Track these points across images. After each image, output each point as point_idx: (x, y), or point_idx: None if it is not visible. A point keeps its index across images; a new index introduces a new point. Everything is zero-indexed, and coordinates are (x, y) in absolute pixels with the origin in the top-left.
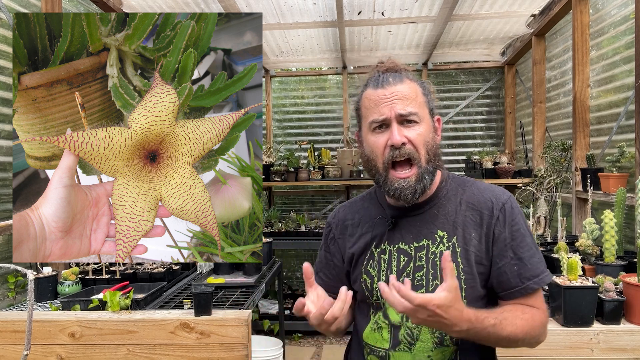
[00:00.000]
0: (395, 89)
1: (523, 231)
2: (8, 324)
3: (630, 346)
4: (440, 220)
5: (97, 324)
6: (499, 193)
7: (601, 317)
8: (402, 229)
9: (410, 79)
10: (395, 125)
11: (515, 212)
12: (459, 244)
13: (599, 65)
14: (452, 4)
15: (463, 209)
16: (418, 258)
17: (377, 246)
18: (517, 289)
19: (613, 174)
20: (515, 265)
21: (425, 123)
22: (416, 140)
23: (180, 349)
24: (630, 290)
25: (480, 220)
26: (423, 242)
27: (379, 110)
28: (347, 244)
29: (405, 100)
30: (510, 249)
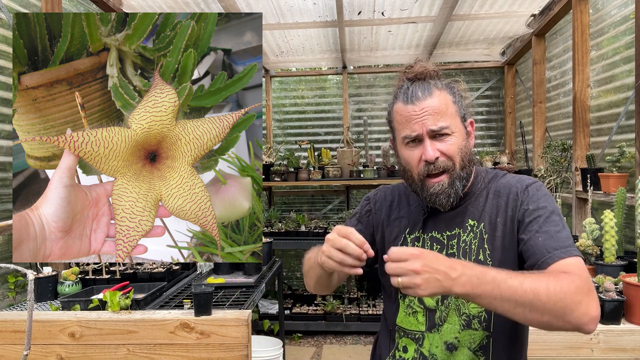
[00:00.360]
0: (425, 105)
1: (551, 208)
2: (8, 324)
3: (630, 346)
4: (470, 209)
5: (97, 324)
6: (525, 179)
7: (601, 317)
8: (436, 219)
9: (440, 88)
10: (427, 141)
11: (541, 192)
12: (486, 231)
13: (599, 65)
14: (452, 4)
15: (491, 197)
16: (450, 246)
17: (410, 233)
18: (544, 259)
19: (613, 174)
20: (540, 237)
21: (458, 132)
22: (449, 151)
23: (180, 349)
24: (630, 290)
25: (506, 205)
26: (455, 230)
27: (410, 126)
28: (382, 222)
29: (436, 115)
30: (535, 224)
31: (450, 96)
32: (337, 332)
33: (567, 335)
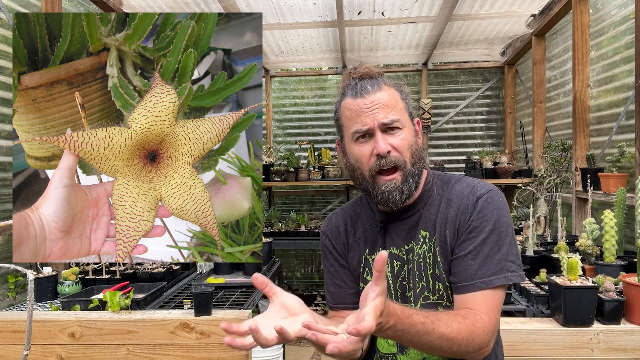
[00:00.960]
0: (375, 98)
1: (492, 226)
2: (8, 324)
3: (630, 346)
4: (424, 219)
5: (97, 324)
6: (479, 187)
7: (601, 317)
8: (392, 234)
9: (388, 84)
10: (379, 134)
11: (491, 206)
12: (437, 243)
13: (599, 65)
14: (452, 4)
15: (443, 206)
16: (408, 261)
17: (371, 253)
18: (465, 284)
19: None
20: (471, 259)
21: (408, 128)
22: (400, 146)
23: (180, 349)
24: (630, 290)
25: (455, 215)
26: (411, 244)
27: (361, 120)
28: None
29: (386, 109)
30: (471, 242)
31: (398, 93)
32: None
33: (567, 335)
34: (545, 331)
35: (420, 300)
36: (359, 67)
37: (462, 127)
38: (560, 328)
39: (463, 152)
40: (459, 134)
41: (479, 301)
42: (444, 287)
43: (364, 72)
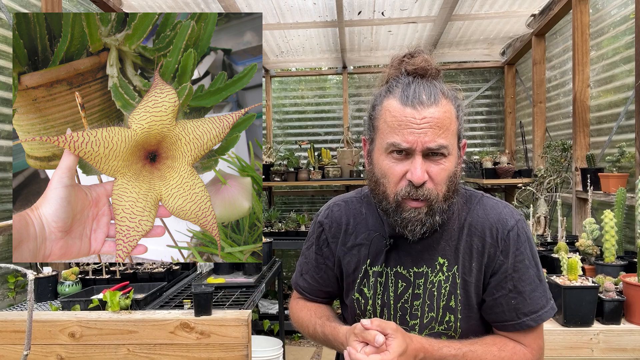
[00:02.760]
0: (428, 114)
1: (527, 262)
2: (8, 324)
3: (630, 346)
4: (442, 245)
5: (97, 324)
6: (506, 217)
7: (601, 317)
8: (401, 251)
9: (447, 96)
10: (419, 159)
11: (521, 239)
12: (459, 275)
13: (599, 65)
14: (452, 4)
15: (466, 233)
16: (417, 285)
17: (372, 265)
18: (512, 323)
19: (613, 174)
20: (514, 299)
21: (453, 156)
22: (438, 177)
23: (180, 349)
24: (630, 290)
25: (482, 248)
26: (423, 268)
27: (403, 135)
28: (339, 250)
29: (437, 130)
30: (510, 281)
31: (455, 109)
32: None
33: (567, 335)
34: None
35: (426, 331)
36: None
37: None
38: (560, 328)
39: None
40: None
41: (528, 337)
42: (454, 319)
43: (420, 65)
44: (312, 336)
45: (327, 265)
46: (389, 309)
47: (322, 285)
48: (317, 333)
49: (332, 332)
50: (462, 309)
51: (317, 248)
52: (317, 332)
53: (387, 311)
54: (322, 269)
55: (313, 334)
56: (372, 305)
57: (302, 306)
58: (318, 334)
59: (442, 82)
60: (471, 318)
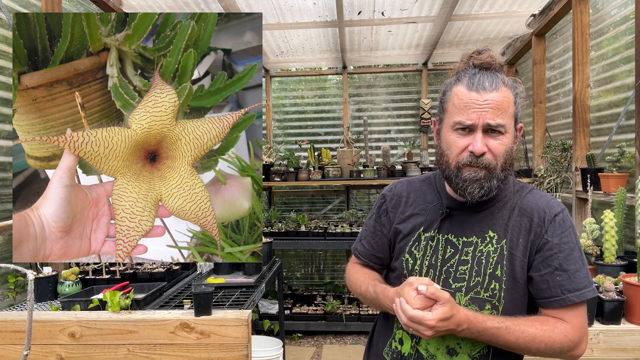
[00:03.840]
0: (490, 97)
1: (572, 245)
2: (8, 324)
3: (630, 346)
4: (493, 221)
5: (97, 324)
6: (554, 204)
7: (601, 317)
8: (453, 221)
9: (506, 84)
10: (479, 134)
11: (567, 224)
12: (507, 248)
13: (599, 65)
14: (452, 4)
15: (516, 213)
16: (464, 252)
17: (425, 231)
18: (556, 299)
19: (613, 174)
20: (559, 275)
21: (510, 133)
22: (497, 150)
23: (180, 349)
24: (630, 290)
25: (530, 226)
26: (472, 238)
27: (467, 114)
28: (397, 219)
29: (496, 111)
30: (556, 259)
31: (513, 96)
32: (337, 332)
33: None
34: None
35: (471, 294)
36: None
37: None
38: None
39: None
40: None
41: (570, 314)
42: (499, 288)
43: (485, 60)
44: (363, 295)
45: (383, 232)
46: (435, 270)
47: (375, 251)
48: (368, 292)
49: (383, 291)
50: (507, 280)
51: (377, 216)
52: (369, 291)
53: (432, 272)
54: (378, 236)
55: (365, 292)
56: (419, 266)
57: (357, 269)
58: (370, 292)
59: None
60: (515, 292)
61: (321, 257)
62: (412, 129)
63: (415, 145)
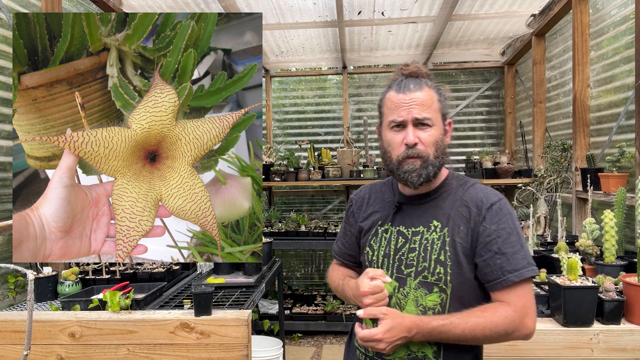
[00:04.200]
0: (414, 96)
1: (509, 230)
2: (8, 324)
3: (630, 346)
4: (438, 212)
5: (97, 324)
6: (491, 195)
7: (601, 317)
8: (404, 214)
9: (430, 86)
10: (410, 127)
11: (504, 212)
12: (449, 234)
13: (599, 65)
14: (452, 4)
15: (457, 204)
16: (413, 241)
17: (381, 225)
18: (498, 280)
19: (613, 174)
20: (499, 259)
21: (437, 126)
22: (427, 141)
23: (180, 349)
24: (630, 290)
25: (469, 215)
26: (419, 228)
27: (398, 112)
28: (360, 218)
29: (421, 107)
30: (495, 244)
31: (437, 95)
32: (337, 332)
33: (567, 335)
34: (545, 331)
35: (419, 278)
36: (411, 65)
37: (462, 127)
38: (560, 328)
39: (463, 152)
40: (459, 134)
41: (512, 294)
42: (444, 272)
43: (412, 70)
44: (337, 290)
45: (351, 231)
46: (389, 259)
47: (348, 249)
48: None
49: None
50: (452, 265)
51: (346, 219)
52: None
53: (387, 261)
54: (348, 235)
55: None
56: (377, 256)
57: (335, 268)
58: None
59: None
60: (461, 276)
61: (321, 257)
62: None
63: None
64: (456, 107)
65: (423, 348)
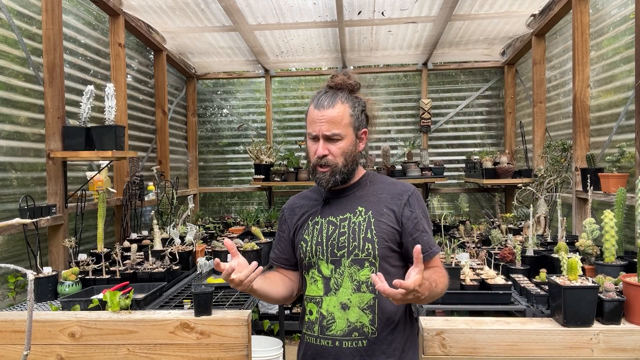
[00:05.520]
0: (326, 113)
1: (425, 213)
2: (8, 324)
3: (630, 346)
4: (361, 200)
5: (97, 324)
6: (407, 186)
7: (601, 317)
8: (332, 207)
9: (345, 101)
10: (321, 141)
11: (420, 198)
12: (373, 215)
13: (599, 65)
14: (452, 4)
15: (378, 192)
16: (342, 226)
17: (312, 219)
18: (428, 253)
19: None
20: (425, 235)
21: (347, 139)
22: (336, 152)
23: (180, 349)
24: (630, 290)
25: (391, 200)
26: (347, 215)
27: (313, 127)
28: (293, 221)
29: (330, 124)
30: (421, 224)
31: (350, 109)
32: None
33: (567, 335)
34: (545, 331)
35: (352, 256)
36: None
37: (462, 127)
38: (560, 328)
39: (463, 152)
40: (459, 134)
41: (437, 260)
42: (372, 247)
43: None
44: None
45: (284, 237)
46: (322, 246)
47: (282, 253)
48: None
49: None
50: (378, 241)
51: (280, 226)
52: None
53: (320, 248)
54: (282, 240)
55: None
56: (310, 246)
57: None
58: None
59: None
60: (387, 250)
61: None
62: (412, 129)
63: (415, 145)
64: (456, 107)
65: (360, 318)
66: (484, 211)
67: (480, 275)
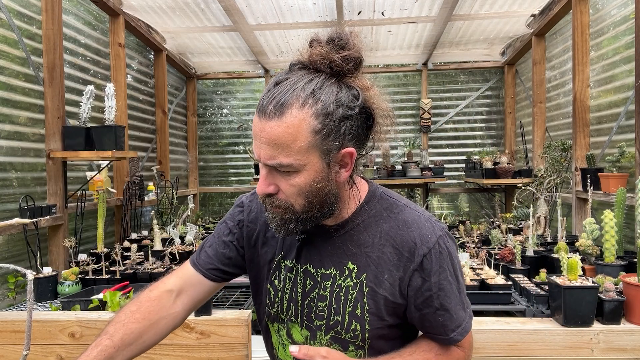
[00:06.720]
0: (268, 127)
1: (450, 278)
2: (8, 324)
3: (630, 346)
4: (353, 250)
5: (97, 324)
6: (427, 233)
7: (601, 317)
8: (311, 249)
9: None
10: (263, 171)
11: (444, 256)
12: (368, 283)
13: (599, 65)
14: (452, 4)
15: (382, 242)
16: (323, 287)
17: (284, 258)
18: (442, 338)
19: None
20: (441, 316)
21: (308, 170)
22: (287, 192)
23: (180, 349)
24: (630, 290)
25: (398, 261)
26: (330, 270)
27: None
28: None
29: (273, 148)
30: (437, 299)
31: (315, 121)
32: None
33: (567, 335)
34: (545, 331)
35: (332, 333)
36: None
37: (462, 127)
38: (560, 328)
39: (463, 152)
40: (459, 134)
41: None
42: (361, 329)
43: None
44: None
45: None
46: (296, 305)
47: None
48: None
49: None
50: (371, 320)
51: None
52: None
53: (294, 307)
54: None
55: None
56: (280, 299)
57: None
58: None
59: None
60: (383, 329)
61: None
62: (412, 129)
63: (415, 145)
64: (456, 107)
65: None
66: (484, 211)
67: (480, 275)
